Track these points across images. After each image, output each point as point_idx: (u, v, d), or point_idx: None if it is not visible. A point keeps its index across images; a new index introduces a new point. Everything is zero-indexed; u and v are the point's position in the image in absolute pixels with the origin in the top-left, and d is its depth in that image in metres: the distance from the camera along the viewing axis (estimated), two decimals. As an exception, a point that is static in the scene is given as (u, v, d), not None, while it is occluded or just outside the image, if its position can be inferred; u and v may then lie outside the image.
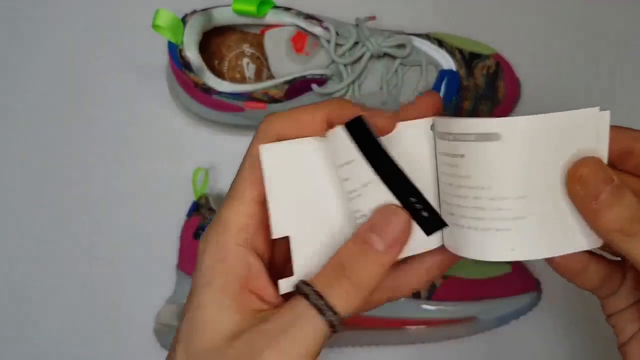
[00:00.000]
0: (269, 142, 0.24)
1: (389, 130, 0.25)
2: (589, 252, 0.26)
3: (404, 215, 0.23)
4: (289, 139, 0.24)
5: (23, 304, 0.48)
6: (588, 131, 0.24)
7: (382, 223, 0.23)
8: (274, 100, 0.44)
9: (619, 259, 0.27)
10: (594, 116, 0.24)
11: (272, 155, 0.24)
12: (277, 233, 0.24)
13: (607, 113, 0.24)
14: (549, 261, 0.26)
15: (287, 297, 0.24)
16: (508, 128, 0.23)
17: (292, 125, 0.25)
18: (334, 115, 0.25)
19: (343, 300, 0.23)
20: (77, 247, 0.49)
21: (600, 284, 0.27)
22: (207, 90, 0.44)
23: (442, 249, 0.26)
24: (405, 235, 0.23)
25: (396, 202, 0.24)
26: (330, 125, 0.25)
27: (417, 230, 0.24)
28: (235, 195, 0.25)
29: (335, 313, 0.22)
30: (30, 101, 0.51)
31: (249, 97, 0.44)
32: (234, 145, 0.50)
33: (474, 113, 0.46)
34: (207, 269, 0.24)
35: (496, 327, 0.46)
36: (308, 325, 0.22)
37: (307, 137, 0.25)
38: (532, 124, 0.23)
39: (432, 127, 0.26)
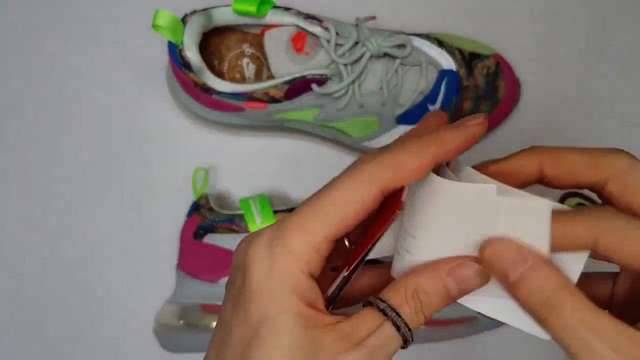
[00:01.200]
0: (373, 191, 0.23)
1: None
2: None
3: (480, 267, 0.24)
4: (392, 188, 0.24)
5: (23, 304, 0.48)
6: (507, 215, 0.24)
7: (462, 274, 0.24)
8: (274, 100, 0.44)
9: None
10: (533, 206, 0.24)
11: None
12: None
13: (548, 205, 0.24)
14: None
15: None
16: (438, 186, 0.24)
17: (396, 177, 0.24)
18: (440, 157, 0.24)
19: (409, 318, 0.24)
20: (77, 247, 0.49)
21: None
22: (207, 90, 0.44)
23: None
24: (481, 284, 0.25)
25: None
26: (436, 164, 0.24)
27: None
28: (312, 222, 0.24)
29: (409, 329, 0.24)
30: (30, 101, 0.51)
31: (249, 97, 0.44)
32: (234, 145, 0.50)
33: (474, 113, 0.46)
34: (272, 290, 0.23)
35: (496, 327, 0.46)
36: (387, 334, 0.24)
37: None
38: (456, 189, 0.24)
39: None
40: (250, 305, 0.23)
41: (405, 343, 0.24)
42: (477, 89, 0.46)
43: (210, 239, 0.44)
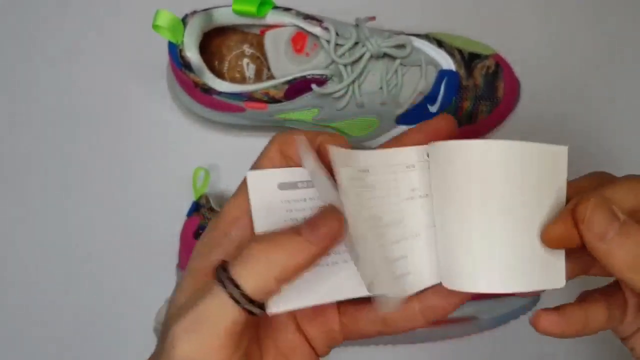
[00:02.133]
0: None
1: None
2: (583, 304, 0.27)
3: (339, 215, 0.23)
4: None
5: (23, 303, 0.48)
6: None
7: (317, 218, 0.23)
8: (274, 100, 0.44)
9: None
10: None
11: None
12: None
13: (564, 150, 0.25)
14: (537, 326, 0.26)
15: None
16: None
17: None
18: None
19: (251, 278, 0.22)
20: (77, 246, 0.49)
21: (607, 322, 0.27)
22: (208, 90, 0.44)
23: (443, 293, 0.27)
24: (337, 234, 0.23)
25: None
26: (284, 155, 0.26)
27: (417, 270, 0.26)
28: (238, 193, 0.26)
29: (251, 301, 0.22)
30: (30, 101, 0.51)
31: (249, 97, 0.44)
32: (234, 145, 0.50)
33: (474, 113, 0.46)
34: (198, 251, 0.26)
35: (496, 327, 0.46)
36: (217, 308, 0.22)
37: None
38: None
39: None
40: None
41: (251, 314, 0.23)
42: (476, 89, 0.46)
43: (210, 238, 0.44)
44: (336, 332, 0.28)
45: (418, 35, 0.46)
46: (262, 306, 0.23)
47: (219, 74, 0.47)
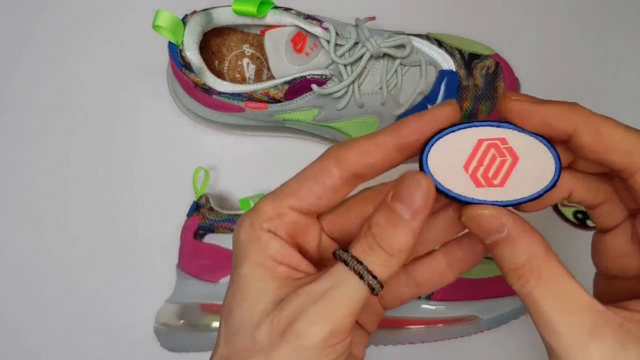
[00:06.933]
0: (338, 171, 0.25)
1: None
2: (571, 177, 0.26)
3: (426, 183, 0.23)
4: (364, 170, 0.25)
5: (23, 304, 0.48)
6: None
7: (406, 192, 0.23)
8: (274, 100, 0.44)
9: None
10: None
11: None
12: None
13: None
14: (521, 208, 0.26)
15: (322, 269, 0.25)
16: None
17: (359, 159, 0.25)
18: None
19: (379, 266, 0.23)
20: (77, 247, 0.49)
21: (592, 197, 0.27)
22: (207, 90, 0.44)
23: (466, 243, 0.27)
24: (430, 201, 0.23)
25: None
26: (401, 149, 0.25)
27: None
28: (279, 195, 0.26)
29: (374, 277, 0.23)
30: (30, 101, 0.51)
31: (249, 97, 0.44)
32: (234, 145, 0.50)
33: (474, 113, 0.46)
34: (243, 246, 0.25)
35: (496, 327, 0.46)
36: (349, 287, 0.23)
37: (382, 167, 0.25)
38: None
39: None
40: (233, 261, 0.26)
41: (373, 291, 0.24)
42: (476, 89, 0.46)
43: (210, 239, 0.44)
44: (378, 307, 0.29)
45: (418, 35, 0.46)
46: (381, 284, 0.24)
47: (219, 74, 0.47)
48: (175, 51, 0.43)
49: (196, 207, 0.45)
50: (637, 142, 0.23)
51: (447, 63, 0.45)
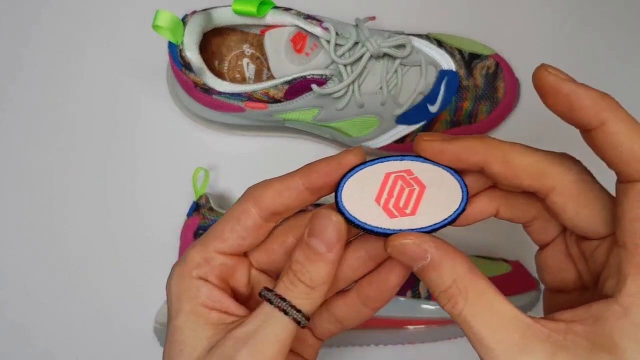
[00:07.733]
0: (262, 212, 0.26)
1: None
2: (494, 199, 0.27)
3: (335, 217, 0.25)
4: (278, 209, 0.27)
5: (23, 303, 0.48)
6: None
7: (319, 228, 0.25)
8: (274, 100, 0.44)
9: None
10: None
11: None
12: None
13: None
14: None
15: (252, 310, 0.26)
16: None
17: (275, 199, 0.27)
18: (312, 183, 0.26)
19: (302, 300, 0.25)
20: (77, 247, 0.49)
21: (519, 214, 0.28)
22: (207, 90, 0.44)
23: (376, 282, 0.28)
24: (341, 233, 0.25)
25: None
26: (312, 190, 0.26)
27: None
28: (205, 240, 0.27)
29: (298, 311, 0.25)
30: (30, 101, 0.51)
31: (249, 97, 0.44)
32: (234, 145, 0.50)
33: (474, 113, 0.46)
34: (175, 297, 0.27)
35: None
36: (275, 324, 0.24)
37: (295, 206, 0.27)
38: None
39: None
40: (168, 313, 0.27)
41: (299, 324, 0.25)
42: (476, 89, 0.46)
43: (210, 238, 0.44)
44: (311, 339, 0.30)
45: (418, 35, 0.46)
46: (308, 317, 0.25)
47: (219, 74, 0.47)
48: (175, 51, 0.43)
49: (196, 207, 0.45)
50: (545, 165, 0.24)
51: (447, 63, 0.45)
